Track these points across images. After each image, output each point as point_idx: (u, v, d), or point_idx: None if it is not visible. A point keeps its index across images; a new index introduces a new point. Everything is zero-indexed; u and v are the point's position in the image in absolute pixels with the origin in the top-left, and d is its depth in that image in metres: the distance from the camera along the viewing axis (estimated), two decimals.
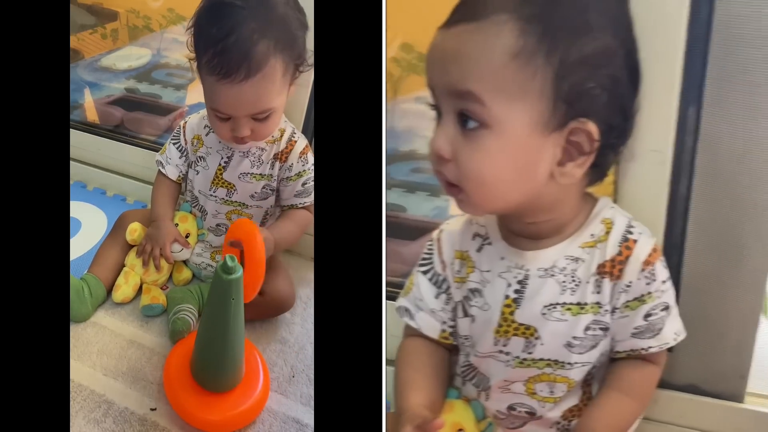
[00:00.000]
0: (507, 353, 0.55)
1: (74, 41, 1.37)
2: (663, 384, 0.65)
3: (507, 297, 0.54)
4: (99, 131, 1.14)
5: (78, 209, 1.03)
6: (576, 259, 0.53)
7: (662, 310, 0.53)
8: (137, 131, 1.15)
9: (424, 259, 0.61)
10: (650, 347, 0.53)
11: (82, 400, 0.71)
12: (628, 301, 0.52)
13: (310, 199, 0.81)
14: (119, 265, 0.86)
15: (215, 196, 0.84)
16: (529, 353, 0.54)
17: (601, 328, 0.53)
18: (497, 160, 0.47)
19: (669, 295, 0.53)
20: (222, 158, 0.81)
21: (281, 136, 0.80)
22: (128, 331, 0.81)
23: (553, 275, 0.53)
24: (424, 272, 0.61)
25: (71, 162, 1.08)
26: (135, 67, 1.34)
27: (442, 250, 0.59)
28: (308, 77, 0.88)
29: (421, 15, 0.66)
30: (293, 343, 0.82)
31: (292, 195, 0.81)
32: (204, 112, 0.82)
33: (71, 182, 1.09)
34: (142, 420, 0.69)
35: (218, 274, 0.63)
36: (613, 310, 0.53)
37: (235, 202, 0.83)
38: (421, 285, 0.61)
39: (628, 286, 0.52)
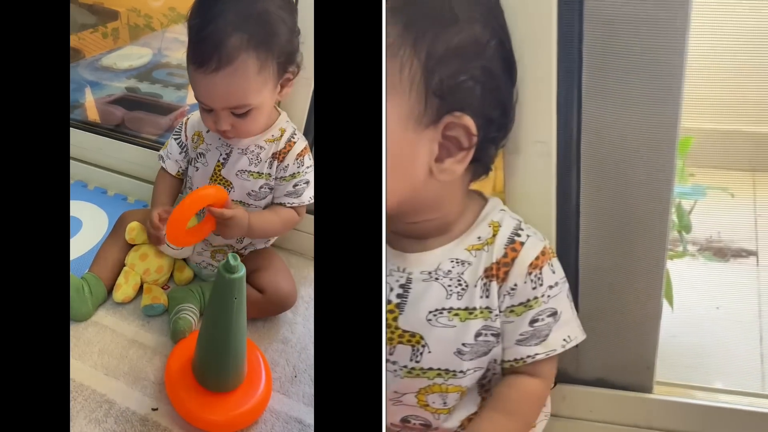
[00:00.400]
0: (393, 362, 0.53)
1: (75, 40, 1.37)
2: (570, 379, 0.65)
3: (389, 302, 0.52)
4: (100, 130, 1.14)
5: (79, 209, 1.03)
6: (462, 262, 0.51)
7: (549, 315, 0.51)
8: (138, 130, 1.14)
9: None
10: (537, 354, 0.50)
11: (83, 400, 0.70)
12: (513, 306, 0.51)
13: (299, 201, 0.81)
14: (120, 265, 0.86)
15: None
16: (417, 362, 0.52)
17: (492, 334, 0.51)
18: None
19: (558, 300, 0.51)
20: (221, 155, 0.81)
21: (281, 136, 0.80)
22: (129, 330, 0.80)
23: (437, 279, 0.51)
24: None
25: (72, 161, 1.08)
26: (136, 67, 1.34)
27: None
28: (309, 79, 0.88)
29: None
30: (295, 342, 0.82)
31: (283, 194, 0.81)
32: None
33: (72, 181, 1.09)
34: (143, 420, 0.69)
35: (221, 273, 0.63)
36: (498, 313, 0.51)
37: (233, 200, 0.83)
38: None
39: (513, 289, 0.50)
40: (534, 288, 0.50)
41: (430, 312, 0.51)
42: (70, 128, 0.91)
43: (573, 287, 0.58)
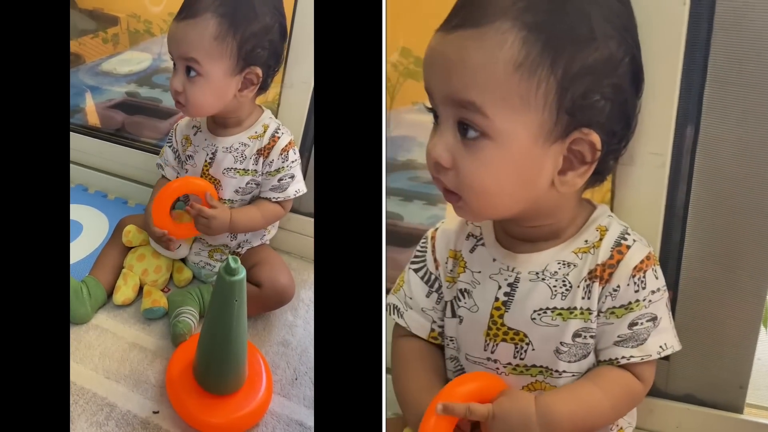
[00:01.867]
0: (495, 360, 0.54)
1: (75, 46, 1.36)
2: (659, 393, 0.64)
3: (497, 299, 0.53)
4: (100, 135, 1.13)
5: (79, 212, 1.02)
6: (568, 264, 0.51)
7: (648, 320, 0.50)
8: (138, 135, 1.14)
9: (416, 256, 0.60)
10: (632, 356, 0.50)
11: (84, 404, 0.69)
12: (613, 307, 0.50)
13: (284, 195, 0.81)
14: (119, 268, 0.85)
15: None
16: (521, 359, 0.53)
17: (591, 336, 0.51)
18: (498, 170, 0.46)
19: (658, 306, 0.51)
20: (207, 155, 0.82)
21: (264, 132, 0.81)
22: (130, 333, 0.80)
23: (543, 279, 0.52)
24: (416, 270, 0.59)
25: (73, 165, 1.07)
26: (136, 72, 1.34)
27: (436, 249, 0.58)
28: (308, 84, 0.87)
29: (419, 18, 0.65)
30: (296, 345, 0.81)
31: (268, 189, 0.82)
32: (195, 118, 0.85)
33: (73, 185, 1.08)
34: (144, 423, 0.68)
35: (221, 275, 0.62)
36: (598, 314, 0.51)
37: (222, 198, 0.83)
38: (411, 283, 0.59)
39: (616, 290, 0.50)
40: (636, 291, 0.50)
41: (535, 311, 0.52)
42: (71, 132, 0.91)
43: (671, 298, 0.57)
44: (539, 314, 0.52)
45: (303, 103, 0.89)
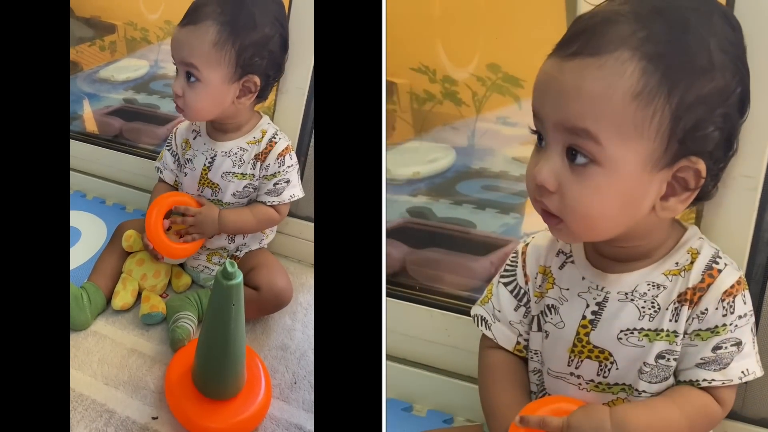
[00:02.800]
0: (578, 376, 0.54)
1: (73, 53, 1.36)
2: (735, 416, 0.62)
3: (584, 317, 0.53)
4: (98, 141, 1.13)
5: (78, 218, 1.02)
6: (658, 286, 0.51)
7: (733, 345, 0.49)
8: (136, 141, 1.14)
9: (506, 270, 0.60)
10: (713, 380, 0.49)
11: (83, 410, 0.69)
12: (699, 330, 0.50)
13: (279, 199, 0.82)
14: (118, 274, 0.85)
15: (202, 196, 0.84)
16: (604, 377, 0.52)
17: (674, 359, 0.51)
18: (605, 196, 0.46)
19: (744, 331, 0.50)
20: (206, 159, 0.83)
21: (262, 137, 0.82)
22: (129, 339, 0.79)
23: (632, 300, 0.51)
24: (506, 284, 0.59)
25: (71, 172, 1.06)
26: (133, 79, 1.33)
27: (527, 264, 0.58)
28: (303, 89, 0.88)
29: (509, 36, 0.70)
30: (294, 349, 0.80)
31: (263, 192, 0.83)
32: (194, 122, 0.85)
33: (71, 192, 1.08)
34: (143, 429, 0.67)
35: (218, 279, 0.62)
36: (683, 336, 0.50)
37: (221, 201, 0.84)
38: (501, 296, 0.59)
39: (703, 313, 0.49)
40: (724, 315, 0.49)
41: (622, 331, 0.51)
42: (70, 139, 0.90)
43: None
44: (626, 334, 0.51)
45: (298, 109, 0.89)
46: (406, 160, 0.83)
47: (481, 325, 0.60)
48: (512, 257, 0.60)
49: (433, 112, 0.78)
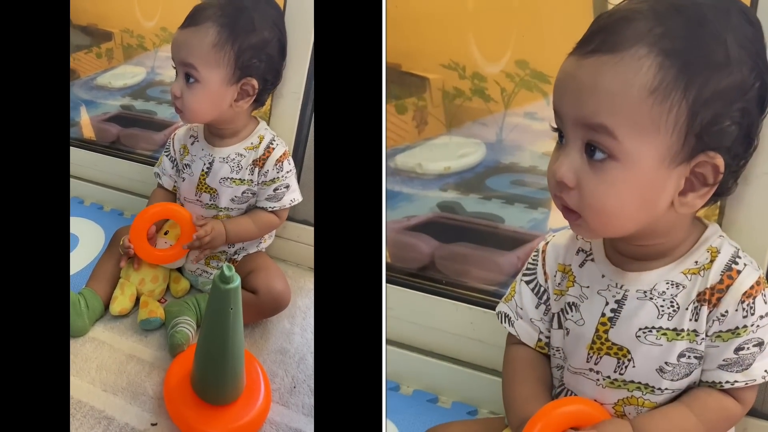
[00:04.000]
0: (597, 372, 0.53)
1: (71, 61, 1.35)
2: (755, 413, 0.61)
3: (603, 315, 0.52)
4: (95, 147, 1.11)
5: (75, 225, 1.00)
6: (677, 285, 0.50)
7: (755, 345, 0.49)
8: (133, 147, 1.13)
9: (528, 269, 0.60)
10: (736, 381, 0.49)
11: (81, 417, 0.67)
12: (720, 332, 0.49)
13: (279, 205, 0.82)
14: (116, 279, 0.83)
15: (200, 201, 0.84)
16: (621, 374, 0.52)
17: (696, 357, 0.50)
18: (623, 191, 0.46)
19: (765, 331, 0.49)
20: (204, 164, 0.82)
21: (260, 143, 0.81)
22: (127, 345, 0.78)
23: (651, 298, 0.51)
24: (527, 282, 0.59)
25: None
26: (130, 85, 1.33)
27: (546, 262, 0.58)
28: (298, 93, 0.87)
29: (539, 34, 0.70)
30: (293, 353, 0.79)
31: (263, 198, 0.82)
32: (191, 124, 0.85)
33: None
34: None
35: (216, 284, 0.61)
36: (704, 337, 0.50)
37: (218, 206, 0.83)
38: (523, 294, 0.59)
39: (723, 315, 0.49)
40: (745, 317, 0.49)
41: (640, 329, 0.51)
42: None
43: None
44: (644, 332, 0.51)
45: (293, 113, 0.89)
46: (436, 155, 0.82)
47: (505, 322, 0.60)
48: (533, 256, 0.60)
49: (463, 108, 0.78)
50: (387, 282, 0.55)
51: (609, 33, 0.45)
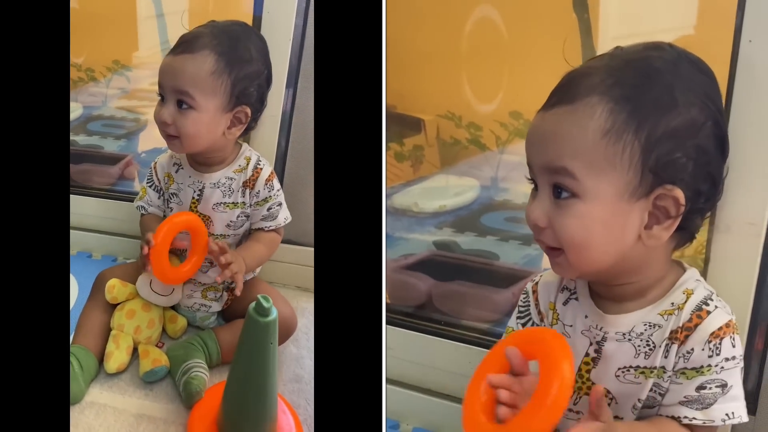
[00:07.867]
0: (577, 412, 0.53)
1: None
2: None
3: (587, 354, 0.52)
4: None
5: None
6: (653, 325, 0.50)
7: (718, 386, 0.48)
8: (88, 182, 1.02)
9: (520, 312, 0.59)
10: (694, 418, 0.48)
11: None
12: (685, 368, 0.49)
13: (275, 223, 0.78)
14: (106, 331, 0.71)
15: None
16: None
17: (659, 393, 0.50)
18: (588, 224, 0.47)
19: (731, 374, 0.48)
20: (194, 192, 0.76)
21: (247, 165, 0.76)
22: (132, 404, 0.65)
23: (629, 339, 0.50)
24: (524, 324, 0.58)
25: None
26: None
27: (540, 301, 0.57)
28: (276, 116, 0.84)
29: (531, 83, 0.71)
30: (308, 379, 0.71)
31: (259, 219, 0.78)
32: (171, 152, 0.79)
33: None
34: None
35: (252, 317, 0.52)
36: (671, 372, 0.49)
37: (213, 233, 0.76)
38: None
39: (689, 353, 0.48)
40: (710, 356, 0.48)
41: (620, 369, 0.51)
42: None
43: (759, 367, 0.56)
44: (623, 372, 0.50)
45: (272, 136, 0.85)
46: (432, 194, 0.83)
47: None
48: (523, 297, 0.59)
49: (459, 151, 0.81)
50: (386, 323, 0.54)
51: (568, 88, 0.48)
